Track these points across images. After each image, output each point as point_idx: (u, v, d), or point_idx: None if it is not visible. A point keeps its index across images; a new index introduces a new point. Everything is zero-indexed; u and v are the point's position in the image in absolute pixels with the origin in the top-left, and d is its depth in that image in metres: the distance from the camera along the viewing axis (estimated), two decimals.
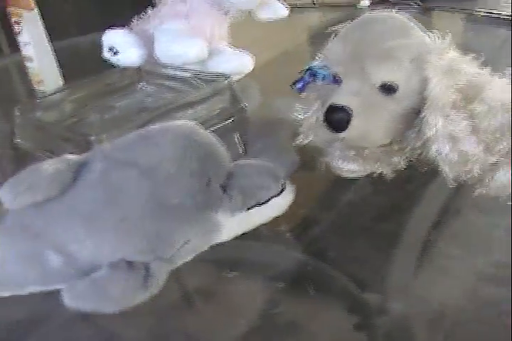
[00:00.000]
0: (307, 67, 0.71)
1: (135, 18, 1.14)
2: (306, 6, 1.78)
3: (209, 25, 1.09)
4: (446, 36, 0.68)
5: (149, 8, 1.15)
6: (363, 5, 1.57)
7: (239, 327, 0.58)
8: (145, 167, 0.54)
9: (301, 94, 0.74)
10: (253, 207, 0.59)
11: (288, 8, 1.21)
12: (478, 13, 1.41)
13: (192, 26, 1.08)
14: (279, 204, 0.61)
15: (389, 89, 0.66)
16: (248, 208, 0.59)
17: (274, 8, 1.16)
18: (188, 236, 0.55)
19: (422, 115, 0.67)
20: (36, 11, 1.20)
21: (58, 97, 1.04)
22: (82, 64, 1.40)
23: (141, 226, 0.53)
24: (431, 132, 0.65)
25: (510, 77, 0.70)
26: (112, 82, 1.09)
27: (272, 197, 0.60)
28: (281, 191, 0.60)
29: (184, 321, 0.60)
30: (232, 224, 0.59)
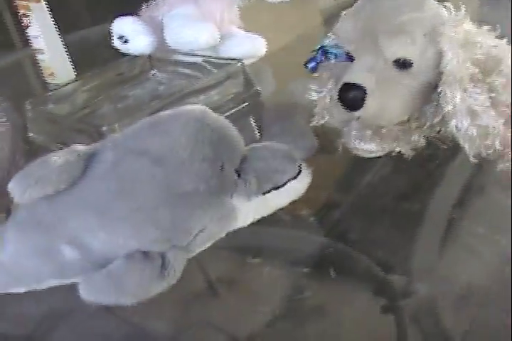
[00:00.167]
0: (319, 46, 0.70)
1: (144, 5, 1.13)
2: None
3: (219, 9, 1.08)
4: (461, 7, 0.66)
5: None
6: None
7: (265, 314, 0.57)
8: (157, 154, 0.53)
9: (314, 74, 0.73)
10: (269, 191, 0.58)
11: None
12: None
13: (201, 11, 1.07)
14: (296, 188, 0.60)
15: (403, 64, 0.65)
16: (264, 192, 0.57)
17: None
18: (203, 222, 0.54)
19: (439, 89, 0.65)
20: (43, 2, 1.20)
21: (70, 89, 1.04)
22: (93, 55, 1.40)
23: (155, 215, 0.52)
24: (449, 107, 0.64)
25: None
26: (124, 71, 1.09)
27: (289, 181, 0.58)
28: (298, 174, 0.59)
29: (209, 310, 0.59)
30: (249, 209, 0.57)
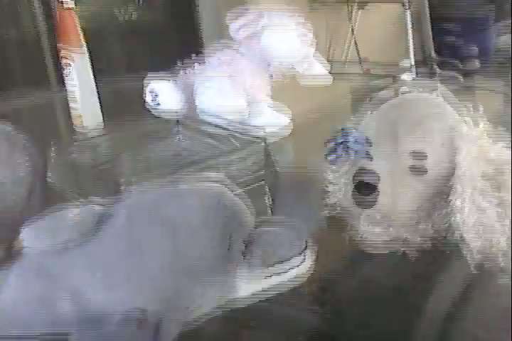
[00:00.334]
0: (341, 127, 0.72)
1: (181, 71, 1.16)
2: (352, 74, 1.80)
3: (252, 86, 1.11)
4: (479, 108, 0.69)
5: (193, 55, 1.16)
6: (407, 78, 1.58)
7: None
8: (170, 223, 0.55)
9: (333, 166, 0.75)
10: (273, 265, 0.58)
11: (334, 75, 1.21)
12: None
13: (235, 86, 1.09)
14: (301, 264, 0.60)
15: (419, 171, 0.68)
16: (268, 266, 0.58)
17: (319, 75, 1.17)
18: (204, 290, 0.55)
19: (450, 183, 0.67)
20: (87, 55, 1.23)
21: (95, 141, 1.06)
22: (124, 107, 1.42)
23: (158, 280, 0.53)
24: (458, 201, 0.66)
25: None
26: (150, 131, 1.10)
27: (294, 256, 0.59)
28: (304, 250, 0.60)
29: None
30: (251, 280, 0.58)
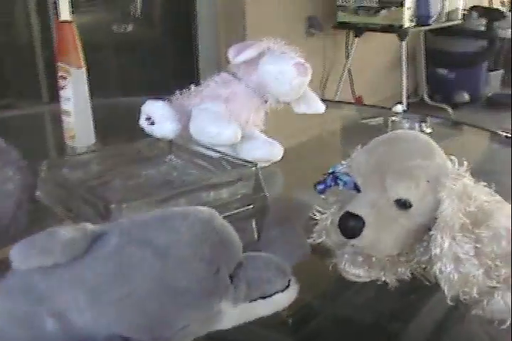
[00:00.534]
0: (331, 170, 0.74)
1: (177, 91, 1.16)
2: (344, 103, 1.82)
3: (246, 111, 1.11)
4: (464, 162, 0.71)
5: (192, 85, 1.17)
6: (398, 110, 1.59)
7: None
8: (159, 247, 0.56)
9: (322, 196, 0.76)
10: (256, 300, 0.60)
11: (325, 103, 1.23)
12: (502, 133, 1.44)
13: (230, 110, 1.11)
14: (282, 300, 0.63)
15: (404, 205, 0.69)
16: (251, 300, 0.60)
17: (312, 104, 1.19)
18: (188, 320, 0.56)
19: (431, 232, 0.69)
20: (84, 69, 1.24)
21: (87, 157, 1.07)
22: (117, 125, 1.43)
23: (143, 304, 0.54)
24: (437, 250, 0.68)
25: None
26: (142, 150, 1.12)
27: (277, 292, 0.61)
28: (287, 287, 0.62)
29: None
30: (234, 314, 0.60)
